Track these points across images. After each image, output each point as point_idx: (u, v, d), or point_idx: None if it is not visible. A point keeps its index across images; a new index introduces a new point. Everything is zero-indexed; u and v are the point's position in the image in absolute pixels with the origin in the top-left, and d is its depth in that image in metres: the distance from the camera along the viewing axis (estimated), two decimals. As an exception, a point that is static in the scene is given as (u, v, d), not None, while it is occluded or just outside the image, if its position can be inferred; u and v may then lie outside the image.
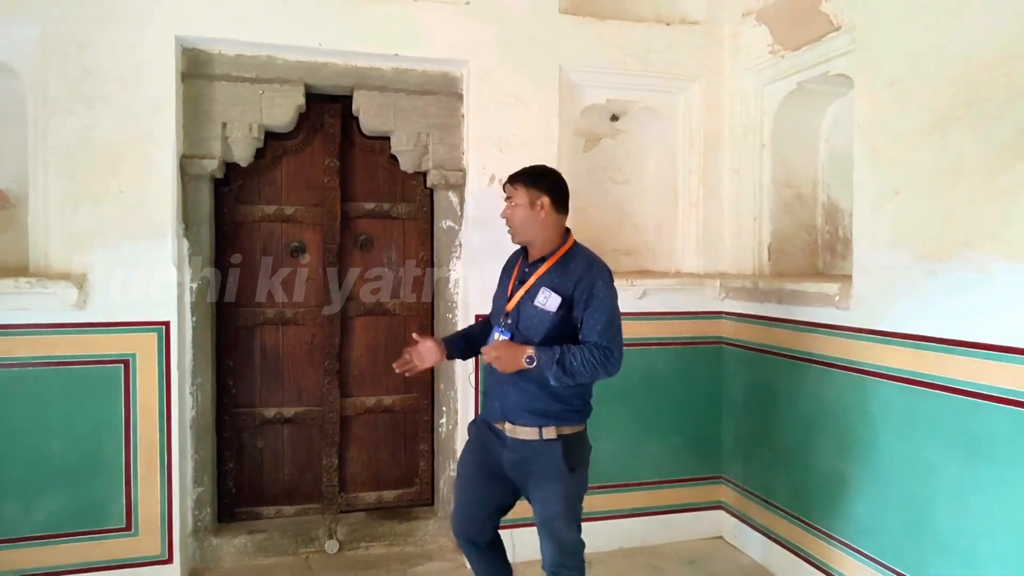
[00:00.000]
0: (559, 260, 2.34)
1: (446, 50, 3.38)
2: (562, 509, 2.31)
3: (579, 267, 2.31)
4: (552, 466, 2.28)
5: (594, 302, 2.24)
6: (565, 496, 2.31)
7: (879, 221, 2.78)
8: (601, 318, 2.24)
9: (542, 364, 2.18)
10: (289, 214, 3.54)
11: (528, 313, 2.31)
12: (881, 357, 2.78)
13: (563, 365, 2.17)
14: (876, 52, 2.80)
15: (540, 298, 2.28)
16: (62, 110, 2.94)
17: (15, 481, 2.97)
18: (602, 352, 2.21)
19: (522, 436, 2.30)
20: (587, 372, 2.19)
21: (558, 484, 2.29)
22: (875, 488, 2.82)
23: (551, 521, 2.32)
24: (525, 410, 2.29)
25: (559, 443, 2.28)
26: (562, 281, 2.29)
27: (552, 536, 2.33)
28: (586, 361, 2.18)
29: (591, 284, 2.26)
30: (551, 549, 2.35)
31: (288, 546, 3.44)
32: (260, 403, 3.56)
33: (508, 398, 2.32)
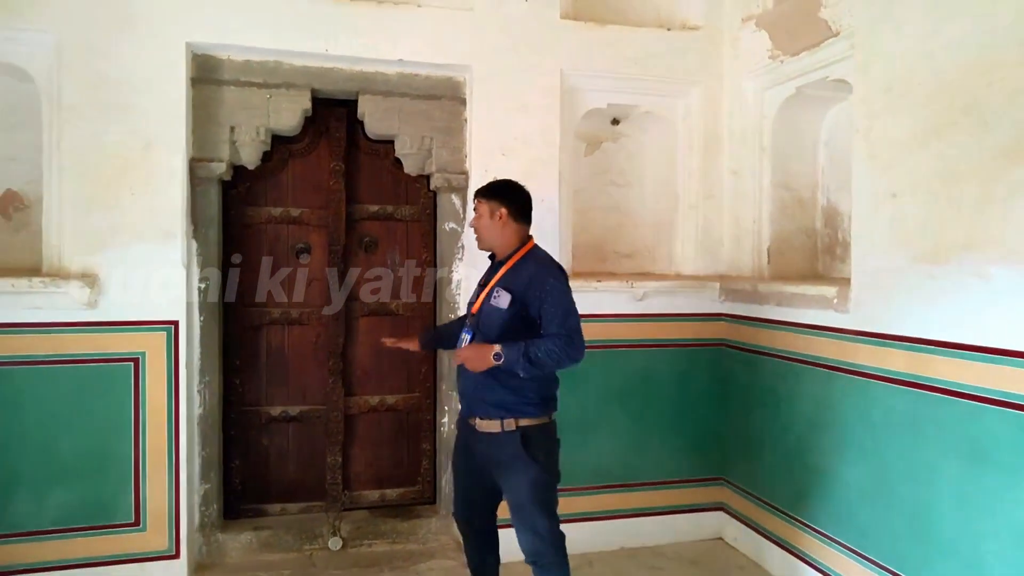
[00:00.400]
0: (515, 263, 2.55)
1: (450, 55, 3.44)
2: (530, 497, 2.46)
3: (530, 269, 2.50)
4: (515, 456, 2.44)
5: (549, 299, 2.41)
6: (531, 484, 2.45)
7: (877, 224, 2.80)
8: (558, 311, 2.40)
9: (510, 359, 2.33)
10: (295, 216, 3.61)
11: (486, 312, 2.52)
12: (880, 360, 2.80)
13: (529, 357, 2.32)
14: (873, 58, 2.83)
15: (494, 297, 2.50)
16: (76, 115, 3.02)
17: (28, 476, 3.04)
18: (564, 340, 2.36)
19: (487, 429, 2.50)
20: (552, 360, 2.35)
21: (522, 473, 2.45)
22: (877, 491, 2.83)
23: (521, 510, 2.48)
24: (484, 402, 2.48)
25: (518, 434, 2.45)
26: (514, 281, 2.49)
27: (525, 524, 2.48)
28: (549, 351, 2.33)
29: (542, 283, 2.44)
30: (527, 537, 2.49)
31: (292, 543, 3.50)
32: (266, 401, 3.63)
33: (470, 393, 2.54)
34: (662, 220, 4.00)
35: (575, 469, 3.65)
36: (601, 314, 3.67)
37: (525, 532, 2.48)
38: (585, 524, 3.66)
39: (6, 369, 3.00)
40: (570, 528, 3.60)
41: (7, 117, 3.21)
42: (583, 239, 3.91)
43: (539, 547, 2.48)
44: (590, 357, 3.62)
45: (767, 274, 3.61)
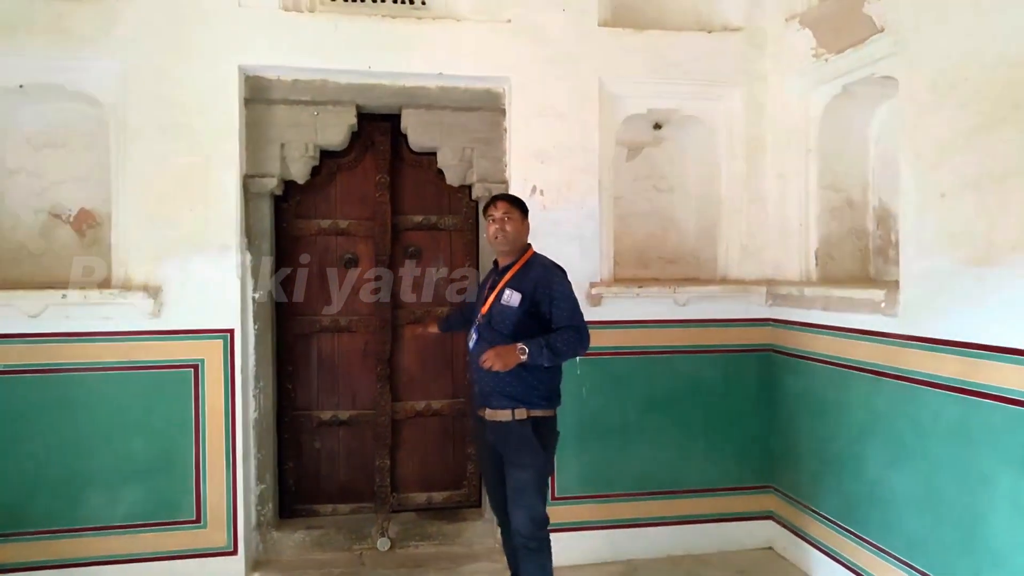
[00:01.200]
0: (522, 267, 2.81)
1: (488, 67, 3.52)
2: (533, 480, 2.70)
3: (537, 271, 2.77)
4: (525, 443, 2.69)
5: (557, 297, 2.69)
6: (535, 469, 2.70)
7: (925, 225, 2.71)
8: (566, 307, 2.69)
9: (533, 352, 2.57)
10: (343, 227, 3.75)
11: (498, 310, 2.75)
12: (930, 365, 2.71)
13: (552, 348, 2.59)
14: (918, 53, 2.74)
15: (505, 296, 2.74)
16: (139, 136, 3.24)
17: (100, 474, 3.27)
18: (575, 331, 2.66)
19: (499, 419, 2.72)
20: (569, 349, 2.65)
21: (529, 459, 2.69)
22: (926, 500, 2.74)
23: (523, 493, 2.69)
24: (499, 394, 2.71)
25: (529, 423, 2.69)
26: (524, 282, 2.74)
27: (524, 507, 2.69)
28: (567, 340, 2.63)
29: (549, 284, 2.71)
30: (525, 518, 2.69)
31: (343, 542, 3.62)
32: (317, 406, 3.77)
33: (485, 387, 2.74)
34: (706, 224, 3.95)
35: (617, 475, 3.68)
36: (643, 320, 3.67)
37: (523, 514, 2.69)
38: (628, 531, 3.67)
39: (81, 375, 3.23)
40: (613, 534, 3.69)
41: (80, 140, 3.46)
42: (626, 245, 3.90)
43: (534, 529, 2.69)
44: (631, 364, 3.69)
45: (815, 278, 3.52)
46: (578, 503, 3.61)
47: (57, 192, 3.47)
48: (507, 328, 2.69)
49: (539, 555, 2.71)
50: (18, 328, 3.16)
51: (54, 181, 3.46)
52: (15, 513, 3.19)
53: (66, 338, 3.21)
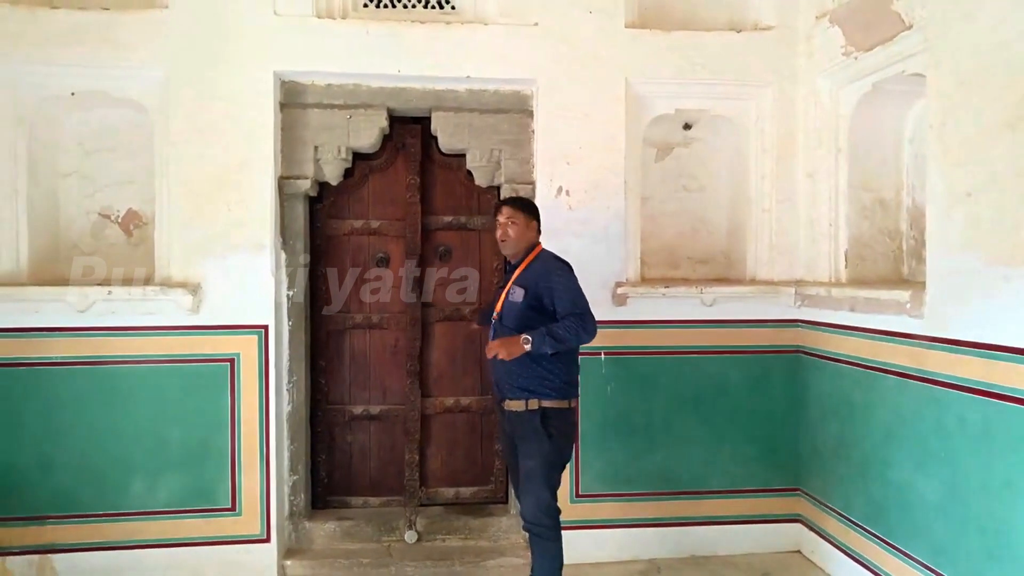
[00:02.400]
0: (528, 265, 2.96)
1: (515, 70, 3.57)
2: (539, 467, 2.80)
3: (538, 267, 2.93)
4: (534, 431, 2.82)
5: (557, 288, 2.82)
6: (542, 456, 2.81)
7: (951, 224, 2.67)
8: (567, 296, 2.81)
9: (536, 342, 2.72)
10: (375, 228, 3.85)
11: (507, 307, 2.92)
12: (954, 367, 2.66)
13: (553, 336, 2.72)
14: (945, 50, 2.70)
15: (511, 295, 2.92)
16: (180, 139, 3.40)
17: (142, 462, 3.43)
18: (577, 318, 2.76)
19: (514, 408, 2.87)
20: (572, 336, 2.75)
21: (536, 445, 2.82)
22: (951, 506, 2.70)
23: (530, 479, 2.82)
24: (514, 386, 2.86)
25: (539, 413, 2.82)
26: (527, 279, 2.90)
27: (531, 493, 2.81)
28: (568, 327, 2.74)
29: (549, 276, 2.85)
30: (531, 505, 2.81)
31: (372, 534, 3.72)
32: (349, 400, 3.89)
33: (503, 379, 2.91)
34: (736, 225, 3.93)
35: (641, 474, 3.69)
36: (669, 320, 3.68)
37: (529, 500, 2.81)
38: (653, 530, 3.68)
39: (125, 367, 3.40)
40: (637, 533, 3.71)
41: (127, 144, 3.63)
42: (654, 245, 3.91)
43: (539, 516, 2.79)
44: (657, 363, 3.70)
45: (845, 278, 3.48)
46: (602, 501, 3.64)
47: (106, 194, 3.66)
48: (512, 323, 2.86)
49: (545, 543, 2.81)
50: (68, 322, 3.35)
51: (104, 184, 3.65)
52: (66, 497, 3.37)
53: (111, 332, 3.38)
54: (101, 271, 3.57)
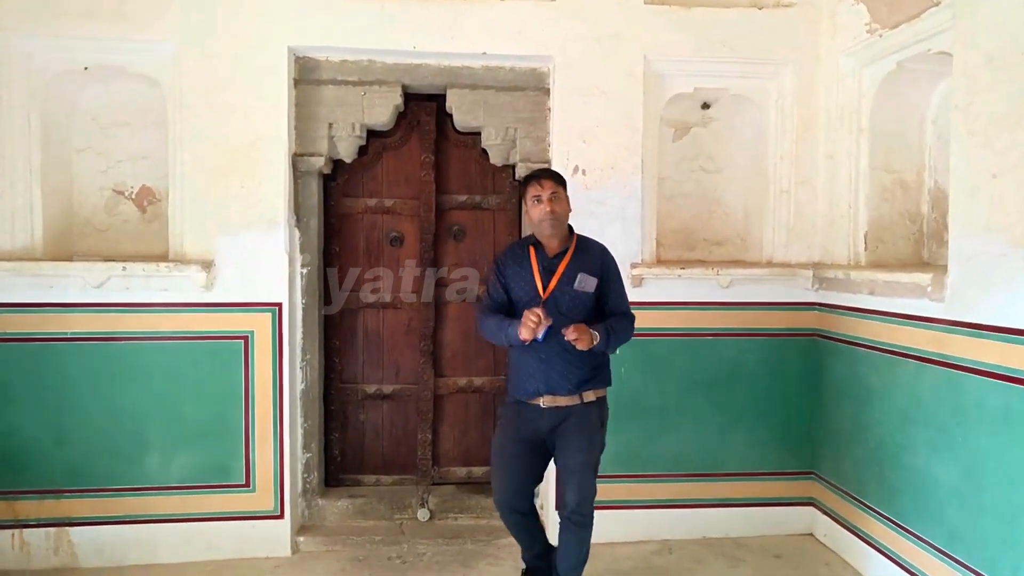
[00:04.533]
0: (577, 247, 2.77)
1: (532, 47, 3.52)
2: (592, 458, 2.72)
3: (596, 250, 2.80)
4: (589, 423, 2.71)
5: (613, 278, 2.75)
6: (595, 448, 2.73)
7: (975, 206, 2.62)
8: (621, 291, 2.77)
9: (602, 340, 2.60)
10: (389, 206, 3.83)
11: (570, 296, 2.68)
12: (975, 351, 2.63)
13: (615, 335, 2.66)
14: (973, 27, 2.64)
15: (579, 283, 2.68)
16: (193, 115, 3.37)
17: (158, 438, 3.44)
18: (630, 319, 2.76)
19: (562, 404, 2.70)
20: (625, 339, 2.74)
21: (592, 437, 2.71)
22: (967, 490, 2.68)
23: (583, 468, 2.67)
24: (573, 380, 2.68)
25: (595, 404, 2.74)
26: (590, 264, 2.73)
27: (580, 483, 2.66)
28: (626, 328, 2.72)
29: (608, 263, 2.77)
30: (576, 494, 2.65)
31: (384, 511, 3.74)
32: (362, 379, 3.89)
33: (555, 375, 2.68)
34: (753, 206, 3.88)
35: (656, 456, 3.68)
36: (685, 302, 3.65)
37: (576, 490, 2.65)
38: (666, 511, 3.68)
39: (139, 343, 3.41)
40: (650, 514, 3.70)
41: (142, 119, 3.61)
42: (670, 226, 3.88)
43: (586, 507, 2.68)
44: (674, 345, 3.69)
45: (864, 261, 3.43)
46: (615, 482, 3.63)
47: (120, 170, 3.64)
48: (580, 314, 2.66)
49: (585, 531, 2.70)
50: (83, 298, 3.34)
51: (118, 159, 3.63)
52: (82, 471, 3.40)
53: (126, 308, 3.38)
54: (115, 247, 3.57)
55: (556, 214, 2.68)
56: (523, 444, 2.78)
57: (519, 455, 2.79)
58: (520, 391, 2.77)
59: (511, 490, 2.80)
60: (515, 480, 2.80)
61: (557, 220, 2.69)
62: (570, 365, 2.67)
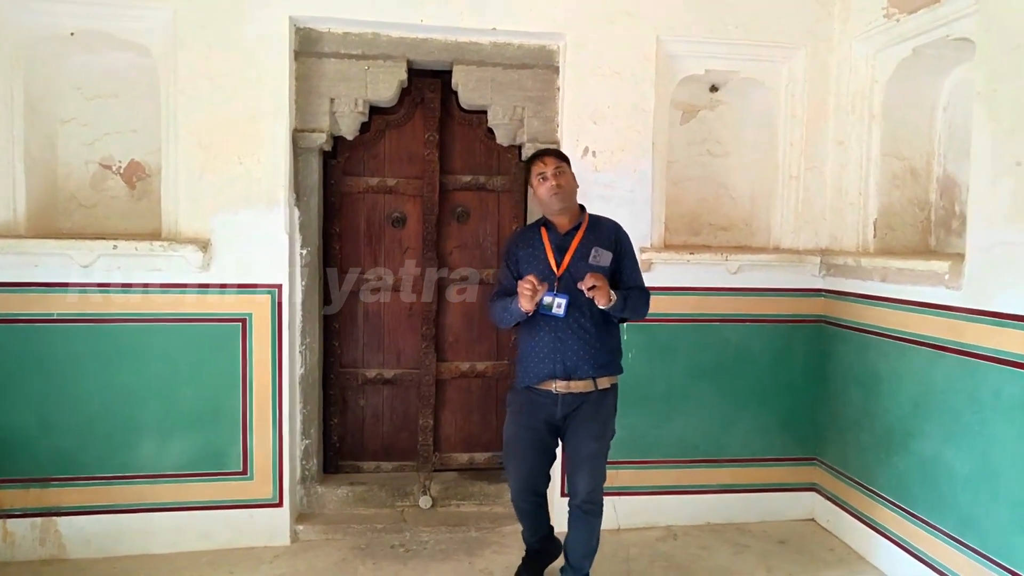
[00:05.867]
0: (590, 224, 2.76)
1: (543, 23, 3.41)
2: (604, 447, 2.72)
3: (609, 226, 2.78)
4: (603, 411, 2.71)
5: (627, 254, 2.74)
6: (609, 436, 2.75)
7: (997, 195, 2.61)
8: (636, 266, 2.76)
9: (617, 303, 2.56)
10: (391, 186, 3.71)
11: (586, 271, 2.59)
12: (993, 340, 2.63)
13: (631, 306, 2.63)
14: (999, 13, 2.62)
15: (594, 257, 2.66)
16: (190, 87, 3.20)
17: (151, 423, 3.30)
18: (645, 293, 2.73)
19: (576, 390, 2.65)
20: (642, 311, 2.73)
21: (606, 425, 2.72)
22: (982, 478, 2.69)
23: (596, 456, 2.69)
24: (588, 364, 2.64)
25: (611, 391, 2.74)
26: (604, 239, 2.71)
27: (592, 470, 2.68)
28: (639, 300, 2.69)
29: (622, 239, 2.75)
30: (588, 481, 2.67)
31: (385, 499, 3.66)
32: (363, 364, 3.79)
33: (569, 356, 2.63)
34: (760, 191, 3.86)
35: (661, 442, 3.66)
36: (693, 287, 3.61)
37: (588, 477, 2.67)
38: (670, 497, 3.67)
39: (131, 325, 3.25)
40: (655, 500, 3.68)
41: (131, 90, 3.43)
42: (676, 210, 3.83)
43: (595, 495, 2.69)
44: (680, 330, 3.65)
45: (872, 248, 3.43)
46: (620, 468, 3.58)
47: (108, 143, 3.47)
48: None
49: (596, 519, 2.72)
50: (71, 277, 3.17)
51: (105, 132, 3.45)
52: (70, 458, 3.24)
53: (117, 288, 3.22)
54: (103, 224, 3.41)
55: (563, 188, 2.67)
56: (537, 432, 2.74)
57: (534, 443, 2.76)
58: (531, 376, 2.70)
59: (529, 479, 2.81)
60: (533, 468, 2.80)
61: (564, 194, 2.68)
62: (587, 345, 2.62)
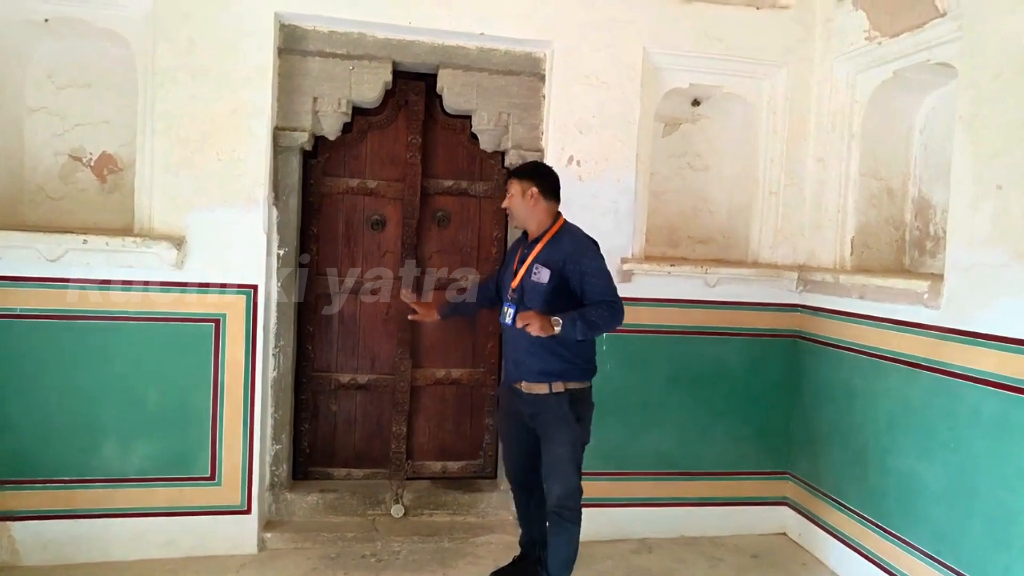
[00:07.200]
0: (550, 240, 2.76)
1: (530, 30, 3.41)
2: (569, 453, 2.71)
3: (565, 246, 2.72)
4: (561, 415, 2.70)
5: (588, 272, 2.66)
6: (572, 442, 2.72)
7: (977, 217, 2.66)
8: (600, 283, 2.66)
9: (566, 326, 2.55)
10: (372, 188, 3.65)
11: (529, 286, 2.72)
12: (972, 359, 2.68)
13: (587, 322, 2.57)
14: (983, 41, 2.67)
15: (534, 274, 2.71)
16: (169, 79, 3.12)
17: (115, 425, 3.18)
18: (608, 306, 2.63)
19: (535, 391, 2.73)
20: (604, 323, 2.64)
21: (565, 430, 2.71)
22: (957, 494, 2.73)
23: (560, 463, 2.70)
24: (536, 369, 2.71)
25: (566, 396, 2.71)
26: (552, 257, 2.70)
27: (560, 477, 2.70)
28: (601, 315, 2.61)
29: (579, 260, 2.67)
30: (560, 489, 2.70)
31: (356, 507, 3.58)
32: (336, 368, 3.71)
33: (523, 363, 2.75)
34: (739, 206, 3.89)
35: (636, 453, 3.66)
36: (672, 299, 3.62)
37: (558, 484, 2.70)
38: (644, 509, 3.66)
39: (99, 323, 3.13)
40: (629, 512, 3.67)
41: (105, 81, 3.33)
42: (656, 222, 3.84)
43: (567, 500, 2.71)
44: (657, 342, 3.65)
45: (850, 266, 3.48)
46: (595, 479, 3.53)
47: (79, 134, 3.35)
48: (536, 305, 2.66)
49: (570, 527, 2.74)
50: (36, 272, 3.05)
51: (76, 123, 3.34)
52: (27, 460, 3.11)
53: (85, 284, 3.10)
54: (71, 218, 3.29)
55: (511, 209, 2.81)
56: (516, 423, 2.89)
57: (512, 432, 2.95)
58: (507, 375, 2.93)
59: (515, 465, 3.00)
60: (517, 453, 2.97)
61: (513, 215, 2.84)
62: (532, 355, 2.71)
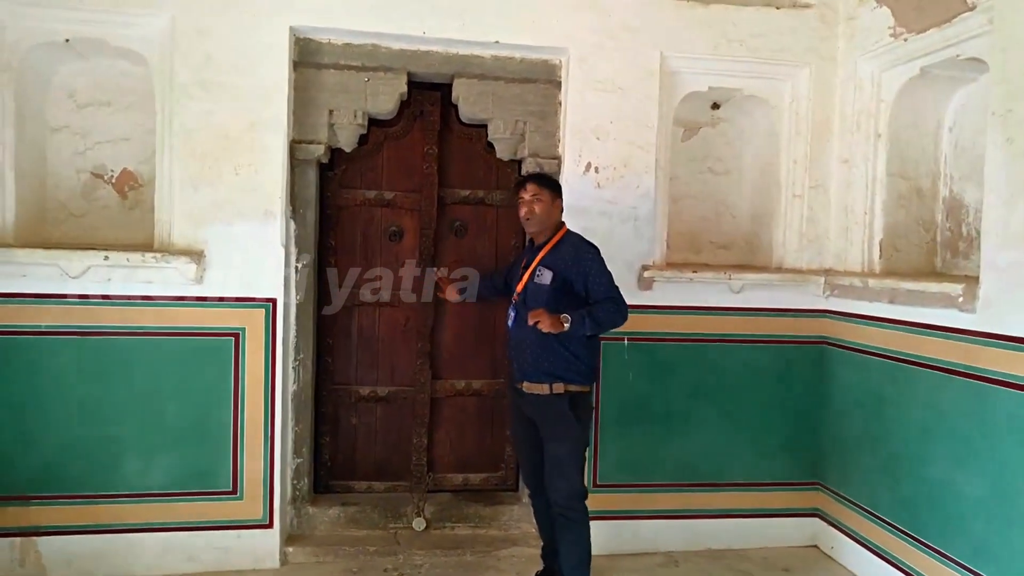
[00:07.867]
0: (555, 245, 2.88)
1: (547, 38, 3.37)
2: (570, 453, 2.80)
3: (569, 250, 2.85)
4: (561, 415, 2.78)
5: (592, 273, 2.77)
6: (572, 441, 2.80)
7: (1014, 216, 2.56)
8: (603, 281, 2.78)
9: (575, 322, 2.65)
10: (388, 199, 3.64)
11: (532, 288, 2.85)
12: (1008, 364, 2.58)
13: (594, 319, 2.69)
14: (1016, 34, 2.58)
15: (537, 276, 2.84)
16: (186, 95, 3.14)
17: (137, 440, 3.20)
18: (614, 303, 2.75)
19: (536, 392, 2.82)
20: (610, 320, 2.75)
21: (566, 430, 2.79)
22: (996, 504, 2.62)
23: (563, 462, 2.79)
24: (539, 370, 2.80)
25: (566, 397, 2.78)
26: (555, 261, 2.83)
27: (562, 478, 2.79)
28: (608, 311, 2.73)
29: (580, 262, 2.79)
30: (563, 490, 2.79)
31: (378, 520, 3.55)
32: (356, 381, 3.69)
33: (526, 363, 2.84)
34: (762, 210, 3.80)
35: (659, 464, 3.59)
36: (695, 306, 3.55)
37: (562, 485, 2.78)
38: (670, 522, 3.59)
39: (120, 339, 3.15)
40: (654, 525, 3.60)
41: (124, 99, 3.36)
42: (677, 228, 3.77)
43: (571, 501, 2.78)
44: (680, 350, 3.59)
45: (878, 269, 3.38)
46: (619, 491, 3.52)
47: (100, 152, 3.39)
48: (539, 306, 2.72)
49: (576, 526, 2.79)
50: (59, 289, 3.08)
51: (97, 140, 3.38)
52: (51, 476, 3.14)
53: (107, 301, 3.13)
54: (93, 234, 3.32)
55: (533, 213, 2.87)
56: (524, 424, 2.96)
57: (520, 434, 3.03)
58: (512, 376, 3.01)
59: (527, 466, 3.05)
60: (527, 453, 3.00)
61: (535, 220, 2.88)
62: (537, 355, 2.80)
